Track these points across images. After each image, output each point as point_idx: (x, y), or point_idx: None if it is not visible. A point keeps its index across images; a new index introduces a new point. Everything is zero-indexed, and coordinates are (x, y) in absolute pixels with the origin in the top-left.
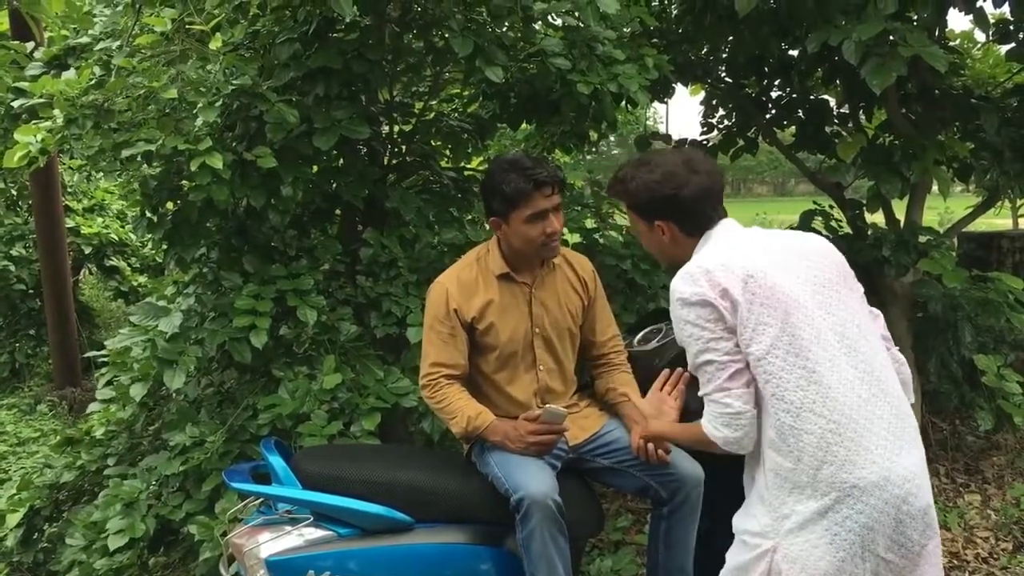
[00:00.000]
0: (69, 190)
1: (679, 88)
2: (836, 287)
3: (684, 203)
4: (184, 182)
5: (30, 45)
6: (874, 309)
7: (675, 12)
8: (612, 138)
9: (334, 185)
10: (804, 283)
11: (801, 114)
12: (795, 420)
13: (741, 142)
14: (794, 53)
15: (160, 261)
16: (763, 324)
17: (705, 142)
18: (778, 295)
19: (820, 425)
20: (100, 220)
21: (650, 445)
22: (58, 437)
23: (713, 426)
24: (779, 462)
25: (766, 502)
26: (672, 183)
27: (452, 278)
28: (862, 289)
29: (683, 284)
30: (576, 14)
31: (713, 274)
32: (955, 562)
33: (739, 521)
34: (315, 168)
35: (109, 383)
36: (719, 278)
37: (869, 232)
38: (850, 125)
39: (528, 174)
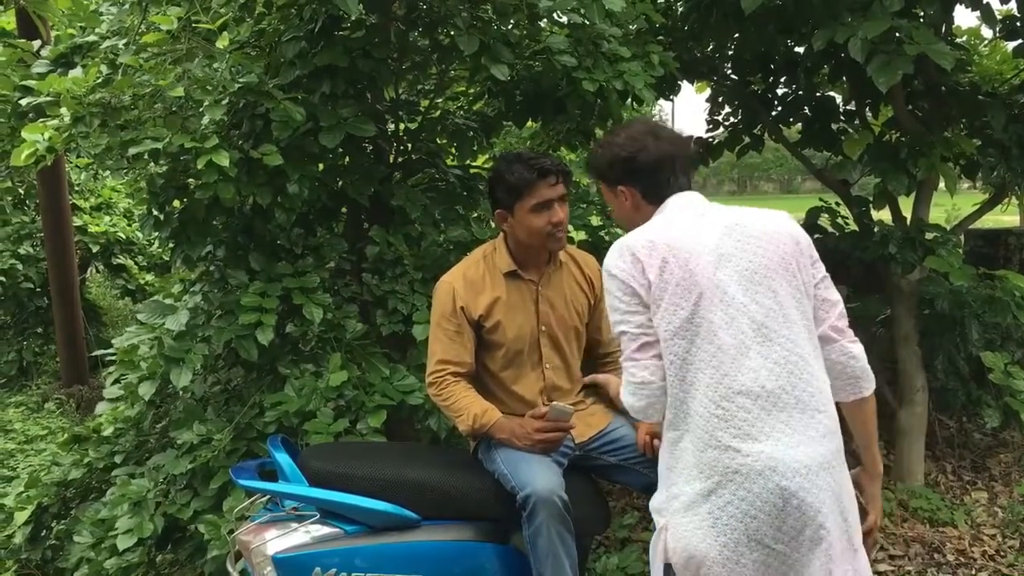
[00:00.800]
0: (76, 188)
1: (685, 85)
2: (774, 274)
3: (643, 168)
4: (191, 180)
5: (37, 43)
6: (832, 296)
7: (681, 9)
8: None
9: (340, 183)
10: (734, 269)
11: (807, 111)
12: (688, 400)
13: (747, 139)
14: (800, 50)
15: (167, 259)
16: (674, 307)
17: (711, 139)
18: (696, 279)
19: (709, 409)
20: (107, 219)
21: (656, 441)
22: (66, 435)
23: (624, 392)
24: (673, 440)
25: (664, 480)
26: (632, 147)
27: (458, 276)
28: (821, 274)
29: (612, 256)
30: (582, 12)
31: (637, 251)
32: (962, 559)
33: (651, 500)
34: (321, 166)
35: (117, 381)
36: (641, 256)
37: (875, 229)
38: (856, 122)
39: (532, 164)
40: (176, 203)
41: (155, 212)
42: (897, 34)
